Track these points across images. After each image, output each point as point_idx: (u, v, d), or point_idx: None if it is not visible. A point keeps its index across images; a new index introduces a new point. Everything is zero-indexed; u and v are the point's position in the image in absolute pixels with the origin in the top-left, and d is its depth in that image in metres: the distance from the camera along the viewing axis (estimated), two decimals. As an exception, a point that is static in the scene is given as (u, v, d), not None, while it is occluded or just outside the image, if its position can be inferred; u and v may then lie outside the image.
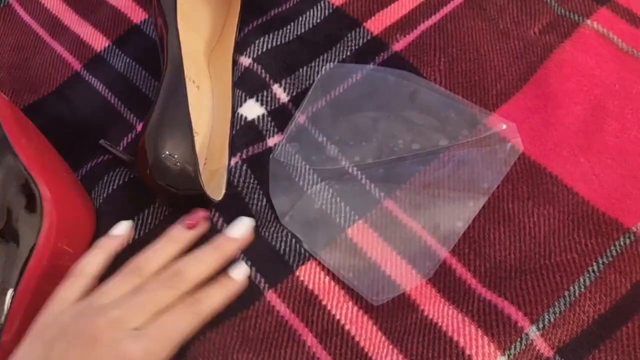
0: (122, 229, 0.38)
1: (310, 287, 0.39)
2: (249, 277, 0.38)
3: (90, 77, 0.50)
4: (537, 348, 0.36)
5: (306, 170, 0.43)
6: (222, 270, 0.36)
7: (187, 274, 0.33)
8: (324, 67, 0.48)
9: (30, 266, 0.38)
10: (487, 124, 0.44)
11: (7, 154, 0.40)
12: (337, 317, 0.38)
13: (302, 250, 0.40)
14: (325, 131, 0.45)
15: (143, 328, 0.31)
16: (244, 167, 0.44)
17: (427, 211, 0.41)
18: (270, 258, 0.40)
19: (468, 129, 0.43)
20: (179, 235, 0.36)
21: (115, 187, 0.44)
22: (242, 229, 0.37)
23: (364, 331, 0.38)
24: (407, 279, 0.39)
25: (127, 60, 0.51)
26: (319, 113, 0.46)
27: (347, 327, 0.38)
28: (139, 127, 0.47)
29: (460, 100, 0.45)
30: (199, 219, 0.36)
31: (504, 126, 0.43)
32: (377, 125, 0.44)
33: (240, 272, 0.36)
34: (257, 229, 0.41)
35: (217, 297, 0.34)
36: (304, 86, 0.47)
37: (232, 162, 0.44)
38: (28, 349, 0.31)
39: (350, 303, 0.39)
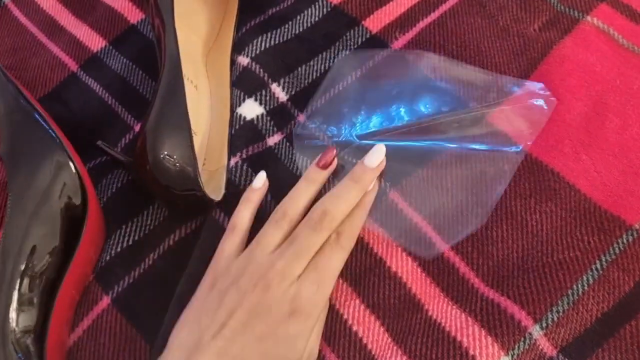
0: (261, 181, 0.40)
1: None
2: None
3: (87, 77, 0.50)
4: (541, 347, 0.36)
5: (334, 136, 0.43)
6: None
7: (334, 213, 0.36)
8: (340, 54, 0.47)
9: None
10: (516, 84, 0.43)
11: (66, 165, 0.40)
12: (345, 316, 0.38)
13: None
14: (349, 104, 0.44)
15: (305, 274, 0.34)
16: (245, 166, 0.43)
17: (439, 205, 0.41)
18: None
19: (497, 92, 0.43)
20: (315, 175, 0.38)
21: (113, 189, 0.44)
22: (379, 156, 0.38)
23: (371, 333, 0.37)
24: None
25: (124, 60, 0.50)
26: (340, 91, 0.45)
27: (354, 327, 0.37)
28: (137, 128, 0.46)
29: (485, 71, 0.44)
30: (331, 157, 0.39)
31: (539, 85, 0.43)
32: (402, 96, 0.44)
33: (371, 184, 0.38)
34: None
35: (357, 223, 0.37)
36: (302, 85, 0.47)
37: (232, 162, 0.43)
38: (203, 297, 0.35)
39: (357, 301, 0.38)
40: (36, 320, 0.37)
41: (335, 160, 0.39)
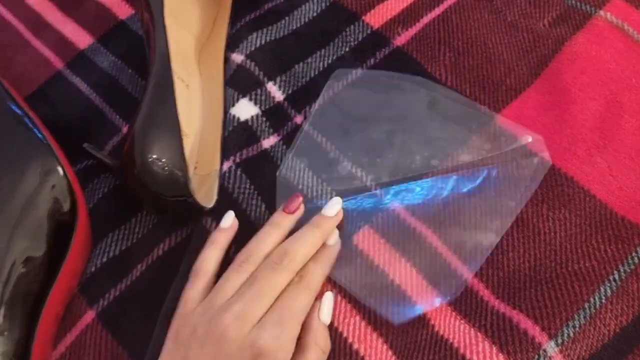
0: (229, 221, 0.38)
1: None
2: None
3: (74, 76, 0.48)
4: (556, 365, 0.33)
5: (317, 187, 0.40)
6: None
7: (293, 253, 0.35)
8: (333, 73, 0.44)
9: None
10: (511, 137, 0.40)
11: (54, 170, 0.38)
12: (345, 334, 0.35)
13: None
14: (337, 145, 0.41)
15: (266, 316, 0.32)
16: (239, 172, 0.41)
17: (450, 229, 0.38)
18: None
19: (491, 143, 0.40)
20: (281, 221, 0.37)
21: (100, 195, 0.42)
22: (337, 206, 0.38)
23: (373, 350, 0.35)
24: (428, 300, 0.36)
25: (113, 58, 0.48)
26: (329, 124, 0.42)
27: (355, 345, 0.35)
28: (125, 130, 0.44)
29: (483, 109, 0.42)
30: (297, 204, 0.38)
31: (530, 139, 0.40)
32: (392, 139, 0.41)
33: (334, 237, 0.38)
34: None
35: (320, 267, 0.36)
36: (300, 84, 0.45)
37: (225, 167, 0.41)
38: (170, 350, 0.33)
39: (357, 317, 0.36)
40: (17, 342, 0.34)
41: (302, 207, 0.38)
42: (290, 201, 0.38)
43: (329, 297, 0.36)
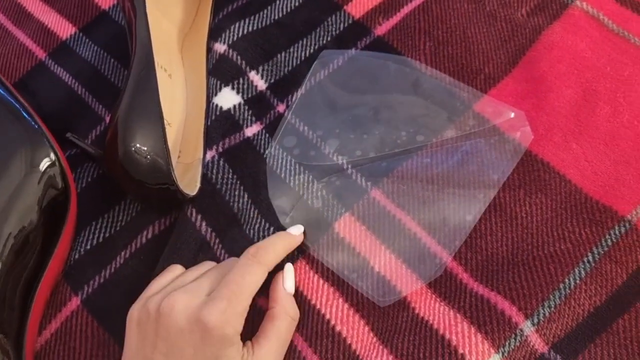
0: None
1: (300, 287, 0.37)
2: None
3: (56, 66, 0.48)
4: (532, 344, 0.34)
5: (303, 166, 0.41)
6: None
7: (259, 246, 0.35)
8: (321, 53, 0.45)
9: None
10: (494, 113, 0.41)
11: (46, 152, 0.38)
12: (327, 316, 0.36)
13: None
14: (324, 124, 0.42)
15: (213, 292, 0.32)
16: (222, 162, 0.41)
17: (433, 206, 0.39)
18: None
19: (474, 119, 0.41)
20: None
21: (83, 184, 0.42)
22: (300, 230, 0.38)
23: (355, 332, 0.36)
24: (408, 283, 0.37)
25: (95, 48, 0.48)
26: (316, 103, 0.43)
27: (337, 327, 0.36)
28: (108, 119, 0.44)
29: (466, 89, 0.43)
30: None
31: (512, 114, 0.41)
32: (378, 117, 0.42)
33: (296, 228, 0.38)
34: (241, 227, 0.39)
35: (276, 244, 0.36)
36: (282, 73, 0.45)
37: (209, 156, 0.41)
38: (131, 335, 0.33)
39: (340, 300, 0.37)
40: (10, 326, 0.35)
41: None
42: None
43: (289, 267, 0.36)
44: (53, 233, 0.38)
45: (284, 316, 0.34)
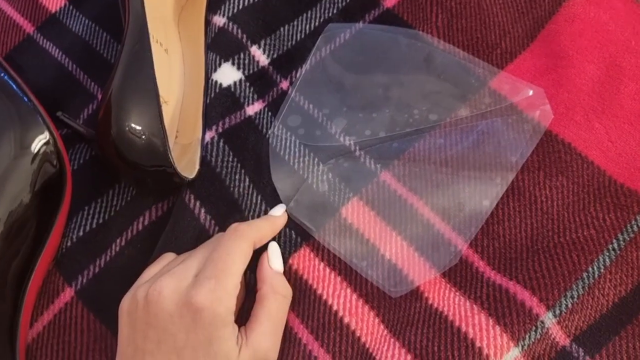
0: None
1: (305, 276, 0.35)
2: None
3: (45, 41, 0.45)
4: (553, 337, 0.32)
5: (308, 148, 0.38)
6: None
7: (239, 224, 0.34)
8: (326, 27, 0.42)
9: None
10: (511, 90, 0.39)
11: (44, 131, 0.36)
12: (335, 307, 0.34)
13: (294, 236, 0.36)
14: (330, 102, 0.40)
15: (199, 273, 0.31)
16: (221, 143, 0.39)
17: (447, 190, 0.36)
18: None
19: (490, 97, 0.39)
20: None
21: (75, 166, 0.40)
22: (282, 209, 0.37)
23: (365, 324, 0.34)
24: (421, 272, 0.35)
25: (86, 21, 0.45)
26: (321, 81, 0.40)
27: (346, 319, 0.34)
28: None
29: (482, 64, 0.40)
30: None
31: (531, 92, 0.38)
32: (389, 94, 0.39)
33: (277, 209, 0.36)
34: (242, 213, 0.37)
35: (260, 222, 0.35)
36: (285, 47, 0.42)
37: (208, 137, 0.39)
38: (123, 325, 0.32)
39: (348, 290, 0.34)
40: (4, 315, 0.33)
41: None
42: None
43: (274, 245, 0.35)
44: (47, 218, 0.36)
45: (273, 296, 0.33)
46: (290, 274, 0.35)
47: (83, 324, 0.36)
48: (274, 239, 0.36)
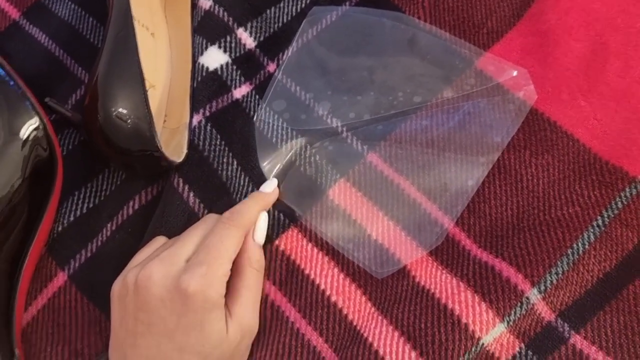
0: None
1: (292, 257, 0.35)
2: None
3: (31, 26, 0.45)
4: (538, 312, 0.33)
5: (295, 131, 0.38)
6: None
7: (233, 209, 0.34)
8: (311, 10, 0.42)
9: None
10: (496, 71, 0.39)
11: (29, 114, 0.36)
12: (322, 287, 0.34)
13: (282, 217, 0.36)
14: (315, 85, 0.40)
15: (191, 258, 0.31)
16: (209, 127, 0.39)
17: (433, 171, 0.37)
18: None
19: (475, 78, 0.39)
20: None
21: (64, 151, 0.40)
22: (273, 185, 0.37)
23: (352, 302, 0.34)
24: (408, 252, 0.35)
25: (72, 6, 0.45)
26: (306, 64, 0.40)
27: (333, 298, 0.34)
28: (88, 82, 0.42)
29: (466, 46, 0.40)
30: None
31: (515, 73, 0.38)
32: (373, 77, 0.39)
33: (268, 185, 0.37)
34: (230, 196, 0.37)
35: (250, 206, 0.35)
36: (272, 30, 0.42)
37: (195, 121, 0.39)
38: (115, 310, 0.32)
39: (335, 270, 0.35)
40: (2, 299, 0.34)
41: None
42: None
43: (263, 216, 0.35)
44: (39, 203, 0.36)
45: (249, 269, 0.33)
46: (277, 255, 0.35)
47: (77, 308, 0.36)
48: (279, 225, 0.36)
